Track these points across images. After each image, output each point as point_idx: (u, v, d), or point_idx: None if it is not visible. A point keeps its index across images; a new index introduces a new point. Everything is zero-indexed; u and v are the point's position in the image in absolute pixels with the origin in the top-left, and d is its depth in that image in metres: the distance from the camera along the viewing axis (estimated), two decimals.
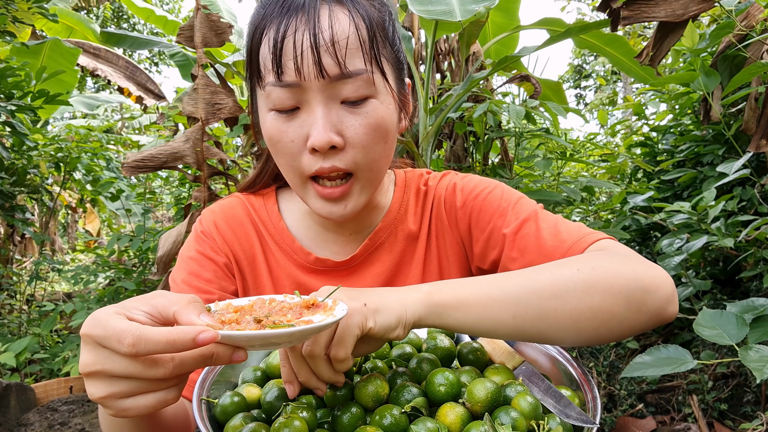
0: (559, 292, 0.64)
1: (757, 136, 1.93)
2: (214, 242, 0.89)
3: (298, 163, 0.74)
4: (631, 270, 0.67)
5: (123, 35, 4.17)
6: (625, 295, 0.65)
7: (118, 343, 0.46)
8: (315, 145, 0.70)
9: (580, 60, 16.21)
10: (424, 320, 0.63)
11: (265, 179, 0.96)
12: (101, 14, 12.73)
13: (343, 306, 0.58)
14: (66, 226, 7.80)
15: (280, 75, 0.70)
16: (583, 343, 0.68)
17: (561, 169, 2.74)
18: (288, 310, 0.58)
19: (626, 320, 0.65)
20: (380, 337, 0.61)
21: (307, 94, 0.70)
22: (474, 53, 2.94)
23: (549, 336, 0.65)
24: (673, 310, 0.68)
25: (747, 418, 2.03)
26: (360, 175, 0.76)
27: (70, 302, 2.96)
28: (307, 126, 0.72)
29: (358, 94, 0.71)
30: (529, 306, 0.64)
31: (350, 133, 0.72)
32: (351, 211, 0.78)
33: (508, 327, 0.64)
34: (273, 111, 0.73)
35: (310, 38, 0.68)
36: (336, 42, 0.68)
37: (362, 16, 0.71)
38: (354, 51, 0.70)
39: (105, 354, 0.47)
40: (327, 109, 0.71)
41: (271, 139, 0.75)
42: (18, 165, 3.24)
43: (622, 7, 1.85)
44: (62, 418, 2.27)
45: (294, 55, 0.68)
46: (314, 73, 0.68)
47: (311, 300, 0.60)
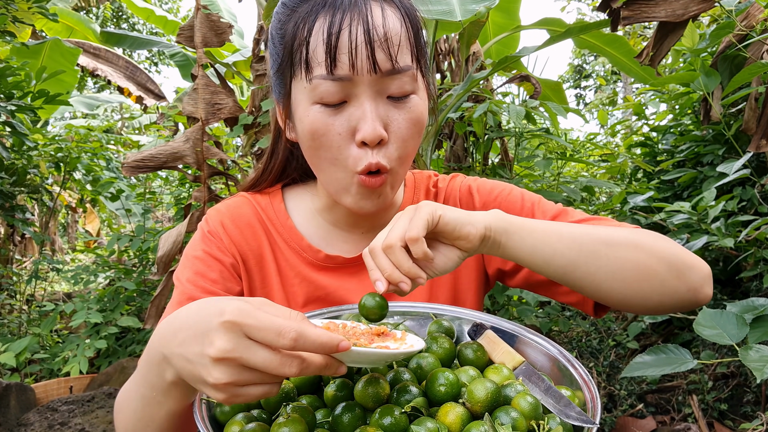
0: (611, 241, 0.71)
1: (757, 136, 1.93)
2: (221, 242, 0.88)
3: (345, 156, 0.74)
4: (674, 246, 0.74)
5: (123, 35, 4.17)
6: (668, 261, 0.72)
7: (277, 335, 0.47)
8: (366, 138, 0.71)
9: (580, 60, 16.21)
10: (492, 229, 0.68)
11: (270, 178, 0.95)
12: (101, 14, 12.73)
13: (414, 336, 0.64)
14: (66, 226, 7.80)
15: (333, 68, 0.69)
16: (626, 296, 0.72)
17: (561, 169, 2.74)
18: (361, 335, 0.62)
19: (667, 283, 0.72)
20: (452, 230, 0.66)
21: (356, 88, 0.71)
22: (474, 53, 2.94)
23: (597, 278, 0.71)
24: (707, 292, 0.74)
25: (747, 418, 2.03)
26: (394, 171, 0.77)
27: (70, 302, 2.95)
28: (354, 120, 0.72)
29: (403, 90, 0.73)
30: (584, 245, 0.70)
31: (394, 128, 0.74)
32: (381, 205, 0.80)
33: (563, 259, 0.70)
34: (318, 104, 0.72)
35: (364, 33, 0.68)
36: (389, 38, 0.70)
37: (408, 14, 0.74)
38: (403, 47, 0.72)
39: (248, 344, 0.48)
40: (375, 103, 0.72)
41: (315, 133, 0.74)
42: (18, 165, 3.24)
43: (622, 7, 1.85)
44: (62, 418, 2.27)
45: (348, 49, 0.68)
46: (367, 68, 0.69)
47: (381, 329, 0.64)
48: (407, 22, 0.73)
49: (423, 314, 0.83)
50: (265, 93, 2.60)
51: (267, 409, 0.64)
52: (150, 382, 0.60)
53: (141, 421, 0.64)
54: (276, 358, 0.48)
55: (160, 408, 0.61)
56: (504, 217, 0.70)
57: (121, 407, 0.68)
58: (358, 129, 0.72)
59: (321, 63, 0.70)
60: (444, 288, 0.93)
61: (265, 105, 2.41)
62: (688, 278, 0.73)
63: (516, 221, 0.70)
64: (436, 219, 0.65)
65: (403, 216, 0.66)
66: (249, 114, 2.60)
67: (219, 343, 0.48)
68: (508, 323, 0.79)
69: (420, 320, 0.83)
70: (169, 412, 0.62)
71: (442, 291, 0.92)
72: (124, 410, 0.67)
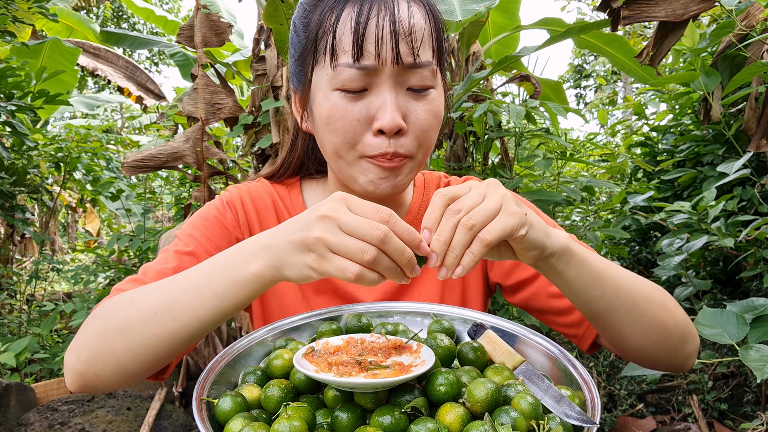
0: (649, 297, 0.74)
1: (757, 135, 1.93)
2: (235, 215, 0.89)
3: (359, 141, 0.76)
4: (683, 312, 0.79)
5: (123, 34, 4.17)
6: (681, 328, 0.76)
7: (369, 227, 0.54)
8: (384, 126, 0.73)
9: (580, 60, 16.21)
10: (558, 255, 0.66)
11: (290, 170, 0.97)
12: (101, 14, 12.73)
13: (428, 350, 0.64)
14: (66, 226, 7.80)
15: (359, 57, 0.72)
16: (640, 350, 0.76)
17: (561, 169, 2.73)
18: (378, 350, 0.65)
19: (675, 348, 0.77)
20: (525, 247, 0.63)
21: (378, 78, 0.73)
22: (474, 53, 2.94)
23: (626, 329, 0.73)
24: (691, 363, 0.80)
25: (747, 418, 2.03)
26: (415, 158, 0.79)
27: (70, 302, 2.95)
28: (374, 108, 0.74)
29: (423, 83, 0.75)
30: (628, 296, 0.72)
31: (413, 118, 0.76)
32: (400, 187, 0.80)
33: (605, 303, 0.71)
34: (339, 91, 0.74)
35: (390, 24, 0.71)
36: (413, 32, 0.72)
37: (433, 12, 0.77)
38: (425, 43, 0.74)
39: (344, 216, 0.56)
40: (395, 94, 0.74)
41: (332, 117, 0.76)
42: (18, 165, 3.24)
43: (622, 6, 1.84)
44: (62, 418, 2.27)
45: (375, 39, 0.71)
46: (391, 59, 0.72)
47: (397, 342, 0.67)
48: (431, 19, 0.76)
49: (423, 314, 0.83)
50: (264, 93, 2.60)
51: (267, 409, 0.64)
52: (227, 276, 0.62)
53: (173, 313, 0.64)
54: (365, 221, 0.54)
55: (216, 302, 0.63)
56: (573, 246, 0.67)
57: (140, 296, 0.67)
58: (377, 118, 0.74)
59: (347, 51, 0.72)
60: (455, 291, 0.93)
61: (265, 105, 2.40)
62: (689, 347, 0.78)
63: (580, 253, 0.68)
64: (515, 235, 0.60)
65: (495, 198, 0.60)
66: (249, 114, 2.60)
67: (316, 228, 0.56)
68: (508, 323, 0.79)
69: (420, 320, 0.83)
70: (227, 307, 0.63)
71: (450, 294, 0.93)
72: (146, 297, 0.67)
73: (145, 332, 0.65)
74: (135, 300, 0.67)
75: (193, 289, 0.64)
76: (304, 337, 0.80)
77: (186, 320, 0.64)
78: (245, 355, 0.75)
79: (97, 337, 0.67)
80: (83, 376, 0.67)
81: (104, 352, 0.66)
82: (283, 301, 0.91)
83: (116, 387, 0.69)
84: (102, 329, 0.67)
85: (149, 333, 0.64)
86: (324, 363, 0.63)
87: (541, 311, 0.87)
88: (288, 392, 0.64)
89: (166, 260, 0.80)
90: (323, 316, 0.81)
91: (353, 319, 0.79)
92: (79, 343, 0.68)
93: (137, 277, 0.78)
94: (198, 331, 0.65)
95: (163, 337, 0.65)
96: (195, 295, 0.64)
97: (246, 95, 4.59)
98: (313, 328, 0.81)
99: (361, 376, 0.59)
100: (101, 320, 0.68)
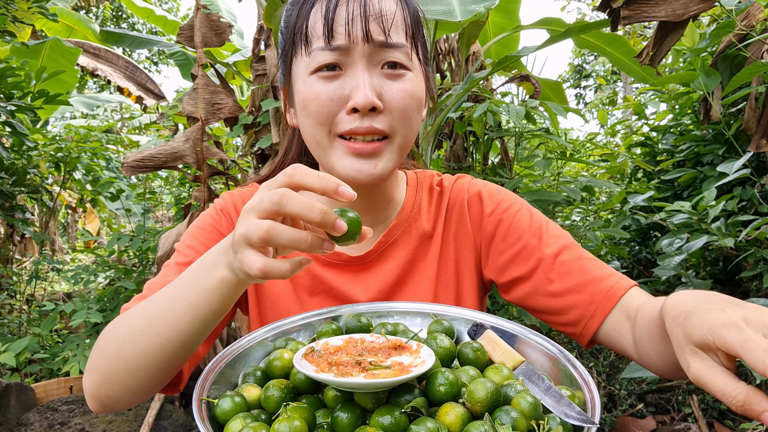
0: None
1: (757, 135, 1.93)
2: (230, 221, 0.90)
3: (331, 120, 0.77)
4: None
5: (122, 34, 4.17)
6: None
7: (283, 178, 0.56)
8: (357, 104, 0.74)
9: (580, 60, 16.21)
10: None
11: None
12: (101, 14, 12.73)
13: (428, 350, 0.64)
14: (66, 226, 7.80)
15: (330, 39, 0.74)
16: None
17: (561, 169, 2.73)
18: (378, 350, 0.66)
19: None
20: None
21: (351, 58, 0.75)
22: (474, 53, 2.94)
23: None
24: None
25: (747, 418, 2.03)
26: (394, 139, 0.79)
27: (70, 302, 2.95)
28: (348, 88, 0.76)
29: (397, 60, 0.77)
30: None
31: (389, 97, 0.77)
32: (380, 173, 0.79)
33: None
34: (315, 74, 0.77)
35: (360, 7, 0.74)
36: (383, 14, 0.76)
37: (406, 2, 0.80)
38: (398, 26, 0.77)
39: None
40: (369, 73, 0.76)
41: (306, 99, 0.78)
42: (18, 165, 3.24)
43: (622, 6, 1.85)
44: (62, 418, 2.27)
45: (345, 21, 0.74)
46: (361, 37, 0.74)
47: (397, 342, 0.67)
48: (402, 4, 0.79)
49: (423, 314, 0.83)
50: (264, 93, 2.60)
51: (267, 409, 0.64)
52: (197, 284, 0.63)
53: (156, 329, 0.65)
54: (266, 194, 0.55)
55: (191, 312, 0.64)
56: None
57: (134, 316, 0.68)
58: (351, 96, 0.75)
59: (319, 36, 0.75)
60: (449, 289, 0.93)
61: (265, 105, 2.41)
62: None
63: None
64: None
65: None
66: (249, 114, 2.60)
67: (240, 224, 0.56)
68: (508, 323, 0.79)
69: (420, 320, 0.83)
70: (203, 316, 0.64)
71: (445, 292, 0.93)
72: (136, 319, 0.67)
73: (136, 349, 0.66)
74: (128, 320, 0.69)
75: (170, 302, 0.65)
76: (304, 337, 0.80)
77: (170, 334, 0.65)
78: (245, 355, 0.75)
79: (101, 359, 0.69)
80: (98, 397, 0.70)
81: (108, 373, 0.68)
82: (278, 303, 0.91)
83: (130, 404, 0.71)
84: (104, 351, 0.69)
85: (139, 350, 0.66)
86: (324, 363, 0.63)
87: (539, 310, 0.87)
88: (288, 392, 0.64)
89: (167, 274, 0.82)
90: (323, 316, 0.81)
91: (353, 319, 0.79)
92: (90, 365, 0.71)
93: (142, 295, 0.80)
94: (183, 344, 0.66)
95: (152, 354, 0.66)
96: (172, 308, 0.65)
97: (246, 95, 4.59)
98: (313, 328, 0.81)
99: (361, 376, 0.59)
100: (103, 341, 0.70)
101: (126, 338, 0.67)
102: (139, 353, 0.66)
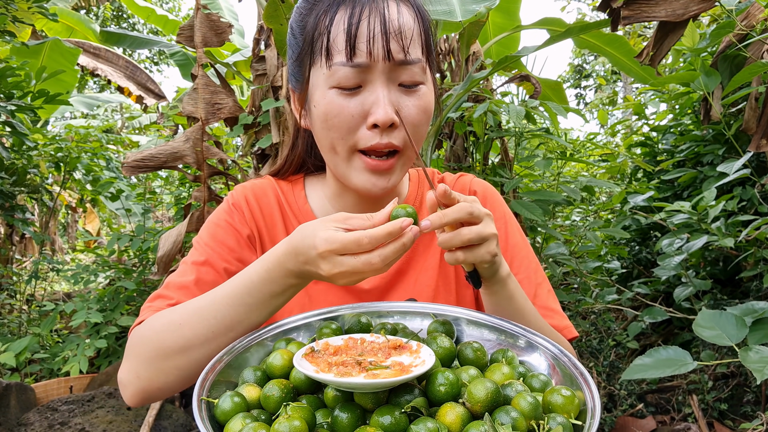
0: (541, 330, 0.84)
1: (757, 135, 1.93)
2: (242, 215, 0.94)
3: (353, 136, 0.80)
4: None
5: (123, 34, 4.17)
6: None
7: (357, 246, 0.63)
8: (378, 121, 0.77)
9: (580, 60, 16.20)
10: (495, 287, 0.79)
11: (292, 167, 1.02)
12: (101, 14, 12.73)
13: (428, 350, 0.65)
14: (66, 226, 7.79)
15: (352, 56, 0.76)
16: None
17: (561, 169, 2.73)
18: (378, 350, 0.67)
19: None
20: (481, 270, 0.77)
21: (371, 75, 0.78)
22: (474, 53, 2.94)
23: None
24: None
25: (747, 418, 2.03)
26: (405, 152, 0.83)
27: (70, 302, 2.95)
28: (368, 104, 0.78)
29: (414, 79, 0.80)
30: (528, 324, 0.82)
31: (405, 113, 0.80)
32: (392, 186, 0.84)
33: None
34: (336, 88, 0.79)
35: (380, 24, 0.76)
36: (402, 31, 0.77)
37: (421, 13, 0.82)
38: (415, 41, 0.79)
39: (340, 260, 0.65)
40: (388, 90, 0.79)
41: (329, 114, 0.80)
42: (18, 165, 3.24)
43: (622, 6, 1.85)
44: (62, 418, 2.27)
45: (366, 39, 0.76)
46: (382, 56, 0.76)
47: (397, 342, 0.68)
48: (419, 19, 0.81)
49: (423, 314, 0.83)
50: (264, 93, 2.60)
51: (267, 409, 0.64)
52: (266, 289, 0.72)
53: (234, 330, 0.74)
54: (359, 261, 0.64)
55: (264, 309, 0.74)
56: (509, 282, 0.80)
57: (187, 319, 0.75)
58: (371, 113, 0.78)
59: (341, 51, 0.77)
60: (448, 279, 0.96)
61: (265, 105, 2.40)
62: None
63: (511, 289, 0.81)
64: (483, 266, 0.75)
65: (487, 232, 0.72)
66: (249, 114, 2.60)
67: (323, 267, 0.66)
68: (508, 323, 0.79)
69: (420, 320, 0.83)
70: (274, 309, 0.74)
71: (445, 282, 0.95)
72: (197, 320, 0.74)
73: (208, 348, 0.74)
74: (183, 323, 0.75)
75: (243, 306, 0.74)
76: (304, 337, 0.80)
77: (244, 328, 0.74)
78: (245, 355, 0.75)
79: (155, 358, 0.75)
80: (146, 391, 0.77)
81: (167, 369, 0.75)
82: None
83: (181, 390, 0.79)
84: (158, 350, 0.75)
85: (211, 348, 0.74)
86: (324, 363, 0.63)
87: None
88: (288, 392, 0.64)
89: (185, 273, 0.88)
90: (323, 316, 0.81)
91: (353, 319, 0.79)
92: (134, 364, 0.77)
93: (163, 292, 0.87)
94: (254, 328, 0.76)
95: (223, 346, 0.73)
96: (245, 310, 0.74)
97: (246, 95, 4.59)
98: (313, 328, 0.81)
99: (361, 376, 0.59)
100: (152, 343, 0.76)
101: (191, 340, 0.74)
102: (213, 350, 0.73)
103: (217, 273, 0.88)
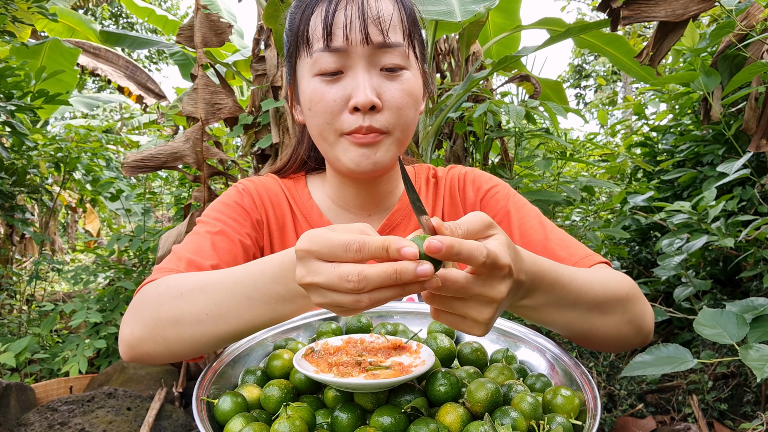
0: (605, 309, 0.73)
1: (757, 135, 1.93)
2: (251, 200, 0.96)
3: (337, 120, 0.82)
4: (641, 299, 0.80)
5: (123, 35, 4.17)
6: (636, 324, 0.78)
7: (344, 251, 0.50)
8: (358, 103, 0.78)
9: (580, 60, 16.20)
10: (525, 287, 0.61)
11: (294, 166, 1.04)
12: (99, 15, 12.72)
13: (428, 350, 0.65)
14: (66, 226, 7.79)
15: (330, 42, 0.78)
16: (593, 346, 0.79)
17: (561, 169, 2.73)
18: (378, 350, 0.66)
19: (630, 341, 0.79)
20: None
21: (351, 60, 0.79)
22: (474, 53, 2.94)
23: (579, 340, 0.76)
24: (651, 335, 0.83)
25: (747, 418, 2.03)
26: (392, 134, 0.84)
27: (70, 302, 2.95)
28: (350, 88, 0.80)
29: (395, 62, 0.81)
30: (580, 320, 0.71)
31: (387, 96, 0.81)
32: (379, 161, 0.83)
33: (562, 324, 0.71)
34: (318, 76, 0.81)
35: (358, 11, 0.78)
36: (381, 16, 0.79)
37: (402, 1, 0.83)
38: (395, 27, 0.80)
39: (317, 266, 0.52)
40: (368, 74, 0.80)
41: (312, 101, 0.82)
42: (18, 165, 3.24)
43: (622, 6, 1.84)
44: (62, 418, 2.27)
45: (344, 24, 0.78)
46: (360, 39, 0.78)
47: (397, 342, 0.68)
48: (399, 5, 0.82)
49: (423, 314, 0.83)
50: (264, 93, 2.60)
51: (267, 409, 0.64)
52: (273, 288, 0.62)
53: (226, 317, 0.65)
54: (335, 275, 0.49)
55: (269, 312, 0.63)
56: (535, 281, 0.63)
57: (188, 292, 0.68)
58: (352, 96, 0.80)
59: (319, 38, 0.79)
60: None
61: (265, 105, 2.40)
62: (645, 331, 0.80)
63: (546, 281, 0.64)
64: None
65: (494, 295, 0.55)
66: (249, 114, 2.60)
67: (297, 271, 0.53)
68: (508, 323, 0.79)
69: (420, 320, 0.83)
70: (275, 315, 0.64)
71: None
72: (197, 294, 0.67)
73: (198, 329, 0.67)
74: (184, 293, 0.69)
75: (245, 298, 0.64)
76: (304, 337, 0.80)
77: (240, 324, 0.65)
78: (245, 355, 0.75)
79: (150, 321, 0.70)
80: (135, 350, 0.73)
81: (156, 337, 0.70)
82: None
83: (165, 362, 0.77)
84: (154, 316, 0.70)
85: (201, 331, 0.67)
86: (324, 363, 0.63)
87: None
88: (288, 392, 0.64)
89: (199, 242, 0.85)
90: (323, 316, 0.82)
91: (353, 319, 0.79)
92: (133, 319, 0.73)
93: (173, 258, 0.82)
94: (250, 332, 0.68)
95: (213, 335, 0.67)
96: (246, 303, 0.64)
97: (246, 95, 4.59)
98: (313, 328, 0.81)
99: (361, 376, 0.59)
100: (152, 304, 0.71)
101: (185, 315, 0.67)
102: (201, 333, 0.67)
103: (232, 242, 0.86)
